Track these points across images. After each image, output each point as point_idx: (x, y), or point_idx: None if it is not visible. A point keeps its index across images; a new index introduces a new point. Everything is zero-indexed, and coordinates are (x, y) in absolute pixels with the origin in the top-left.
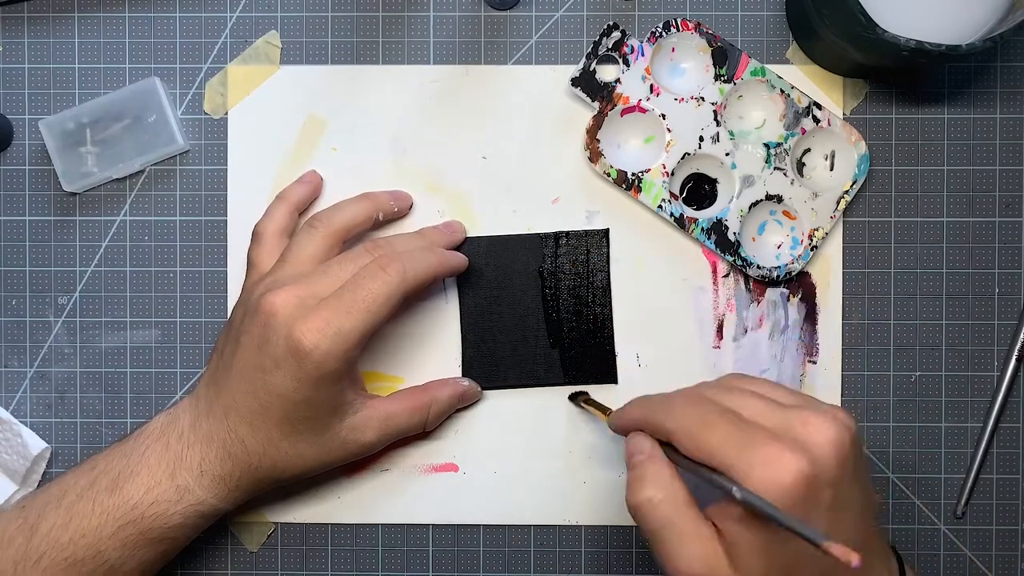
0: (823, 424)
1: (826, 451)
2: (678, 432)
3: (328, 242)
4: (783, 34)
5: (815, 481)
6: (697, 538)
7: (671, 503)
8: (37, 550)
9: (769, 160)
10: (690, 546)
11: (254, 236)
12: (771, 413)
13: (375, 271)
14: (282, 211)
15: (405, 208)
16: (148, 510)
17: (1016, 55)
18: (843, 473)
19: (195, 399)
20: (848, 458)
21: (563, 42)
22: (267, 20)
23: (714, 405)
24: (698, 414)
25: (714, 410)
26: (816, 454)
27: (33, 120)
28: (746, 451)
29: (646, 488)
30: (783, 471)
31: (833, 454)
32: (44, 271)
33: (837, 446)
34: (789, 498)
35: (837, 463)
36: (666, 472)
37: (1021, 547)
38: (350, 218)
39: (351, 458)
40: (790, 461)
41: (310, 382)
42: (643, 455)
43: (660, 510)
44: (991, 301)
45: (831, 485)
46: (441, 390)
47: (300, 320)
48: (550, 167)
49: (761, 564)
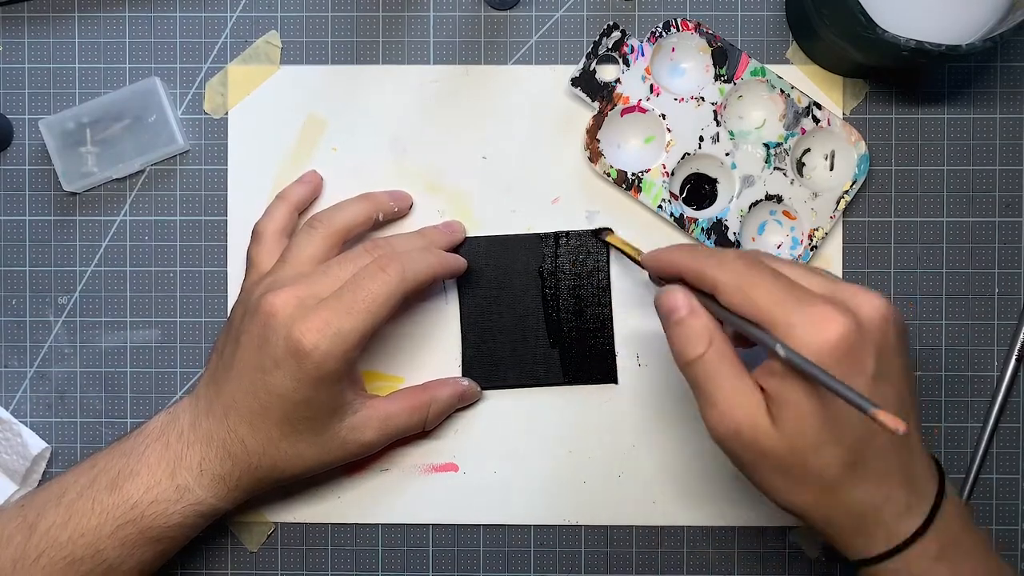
0: (872, 296)
1: (873, 319)
2: (727, 284)
3: (328, 242)
4: (783, 34)
5: (859, 346)
6: (740, 391)
7: (716, 356)
8: (36, 548)
9: (769, 160)
10: (734, 397)
11: (254, 235)
12: (823, 283)
13: (375, 271)
14: (282, 211)
15: (405, 208)
16: (148, 509)
17: (1016, 55)
18: (887, 343)
19: (195, 398)
20: (893, 331)
21: (563, 42)
22: (267, 20)
23: (765, 265)
24: (748, 270)
25: (765, 269)
26: (863, 320)
27: (33, 120)
28: (794, 309)
29: (696, 343)
30: (829, 330)
31: (879, 323)
32: (44, 271)
33: (883, 317)
34: (831, 358)
35: (882, 332)
36: (711, 326)
37: (1021, 547)
38: (350, 218)
39: (351, 458)
40: (836, 321)
41: (310, 382)
42: (685, 310)
43: (709, 364)
44: (991, 301)
45: (875, 354)
46: (441, 390)
47: (300, 320)
48: (550, 167)
49: (800, 423)
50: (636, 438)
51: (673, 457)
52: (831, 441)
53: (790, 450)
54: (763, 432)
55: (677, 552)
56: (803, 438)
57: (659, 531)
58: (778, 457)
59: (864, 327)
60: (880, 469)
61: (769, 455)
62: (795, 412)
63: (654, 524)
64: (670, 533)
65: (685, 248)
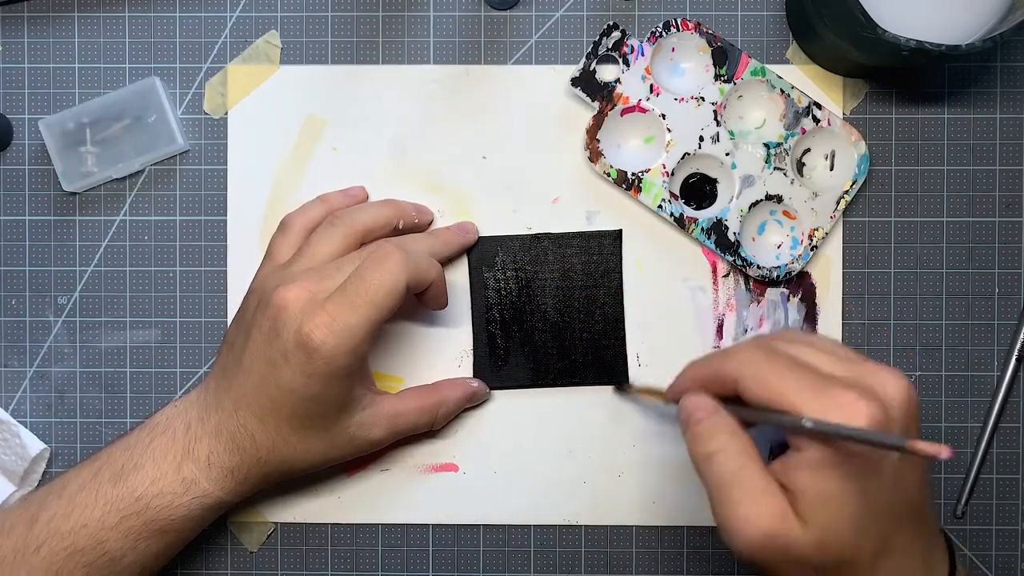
0: (893, 377)
1: (897, 402)
2: (745, 376)
3: (348, 241)
4: (783, 34)
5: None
6: (765, 493)
7: (737, 455)
8: (37, 539)
9: (769, 160)
10: (758, 501)
11: (281, 225)
12: (840, 365)
13: (376, 263)
14: (317, 210)
15: (425, 223)
16: (153, 501)
17: (1016, 55)
18: (910, 424)
19: (204, 391)
20: (915, 413)
21: (563, 42)
22: (267, 20)
23: (780, 352)
24: (766, 359)
25: (783, 358)
26: (888, 404)
27: (33, 120)
28: (820, 395)
29: (713, 440)
30: (859, 416)
31: (903, 406)
32: (44, 271)
33: (906, 400)
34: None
35: (907, 414)
36: (731, 424)
37: (1021, 547)
38: (371, 220)
39: (358, 453)
40: (865, 407)
41: (319, 378)
42: (704, 411)
43: (727, 463)
44: (991, 301)
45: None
46: (451, 391)
47: (309, 316)
48: (550, 167)
49: (832, 515)
50: (636, 438)
51: (673, 457)
52: (865, 530)
53: (824, 548)
54: (793, 536)
55: (677, 552)
56: (837, 531)
57: (659, 531)
58: (810, 559)
59: (890, 411)
60: (904, 552)
61: (799, 560)
62: (827, 503)
63: (654, 524)
64: (670, 533)
65: (699, 360)
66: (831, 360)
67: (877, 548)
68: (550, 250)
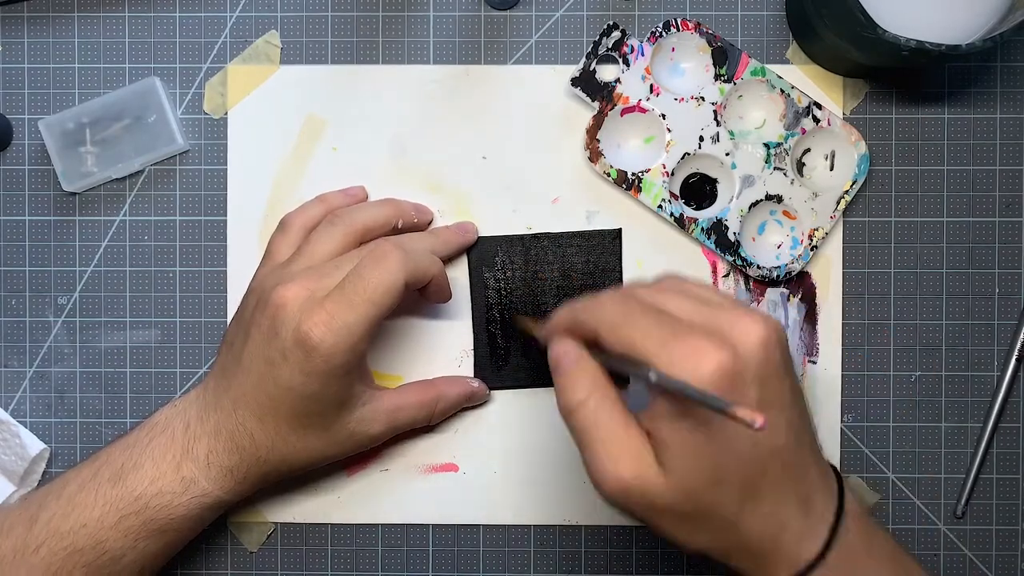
0: (751, 323)
1: (751, 348)
2: (602, 326)
3: (347, 240)
4: (783, 34)
5: (739, 377)
6: (626, 440)
7: (600, 403)
8: (36, 539)
9: (769, 160)
10: (620, 447)
11: (280, 225)
12: (699, 311)
13: (374, 260)
14: (316, 210)
15: (424, 222)
16: (152, 501)
17: (1016, 55)
18: (769, 371)
19: (203, 391)
20: (775, 358)
21: (563, 42)
22: (267, 20)
23: (639, 302)
24: (622, 310)
25: (638, 306)
26: (740, 350)
27: (33, 120)
28: (668, 344)
29: (577, 390)
30: (704, 363)
31: (758, 351)
32: (44, 271)
33: (763, 344)
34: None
35: (762, 359)
36: (595, 372)
37: (1021, 547)
38: (370, 218)
39: (358, 449)
40: (712, 353)
41: (318, 376)
42: (569, 359)
43: (590, 412)
44: (991, 301)
45: (756, 382)
46: (450, 388)
47: (308, 314)
48: (550, 167)
49: (689, 464)
50: None
51: None
52: (723, 478)
53: (684, 495)
54: (652, 483)
55: (677, 552)
56: (695, 479)
57: None
58: (672, 507)
59: (742, 357)
60: (775, 498)
61: (662, 508)
62: (683, 451)
63: None
64: None
65: (566, 306)
66: (693, 306)
67: (741, 500)
68: (550, 250)
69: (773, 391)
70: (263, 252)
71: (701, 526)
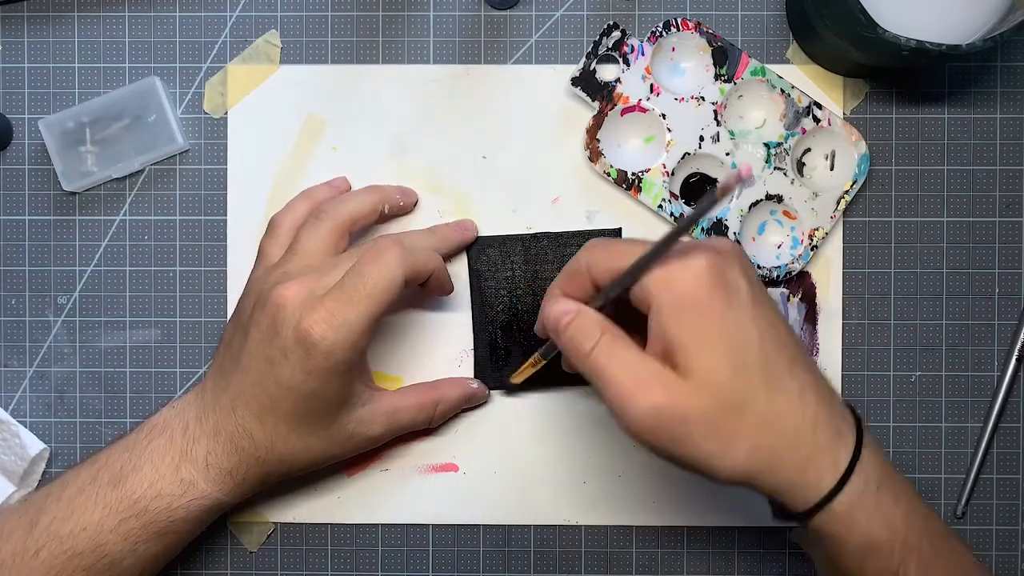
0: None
1: (730, 248)
2: (592, 264)
3: (335, 233)
4: (783, 34)
5: (727, 266)
6: (643, 364)
7: (610, 341)
8: (36, 542)
9: (769, 160)
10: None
11: (270, 226)
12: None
13: (373, 257)
14: (303, 207)
15: (410, 204)
16: (152, 503)
17: (1016, 55)
18: (750, 270)
19: (201, 391)
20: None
21: (563, 42)
22: (267, 20)
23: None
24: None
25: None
26: (720, 250)
27: (33, 120)
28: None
29: (585, 339)
30: (694, 263)
31: (734, 248)
32: (44, 271)
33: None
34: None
35: (739, 255)
36: (596, 317)
37: (1021, 547)
38: (356, 209)
39: (357, 451)
40: (698, 255)
41: (319, 374)
42: (570, 314)
43: (602, 352)
44: (991, 301)
45: (741, 270)
46: (450, 390)
47: (308, 312)
48: (550, 167)
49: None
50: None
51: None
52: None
53: (712, 393)
54: (679, 392)
55: (677, 552)
56: (717, 370)
57: (659, 531)
58: (705, 412)
59: (723, 253)
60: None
61: (693, 417)
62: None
63: (654, 524)
64: (670, 533)
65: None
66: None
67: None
68: (550, 249)
69: (758, 286)
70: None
71: (736, 433)
